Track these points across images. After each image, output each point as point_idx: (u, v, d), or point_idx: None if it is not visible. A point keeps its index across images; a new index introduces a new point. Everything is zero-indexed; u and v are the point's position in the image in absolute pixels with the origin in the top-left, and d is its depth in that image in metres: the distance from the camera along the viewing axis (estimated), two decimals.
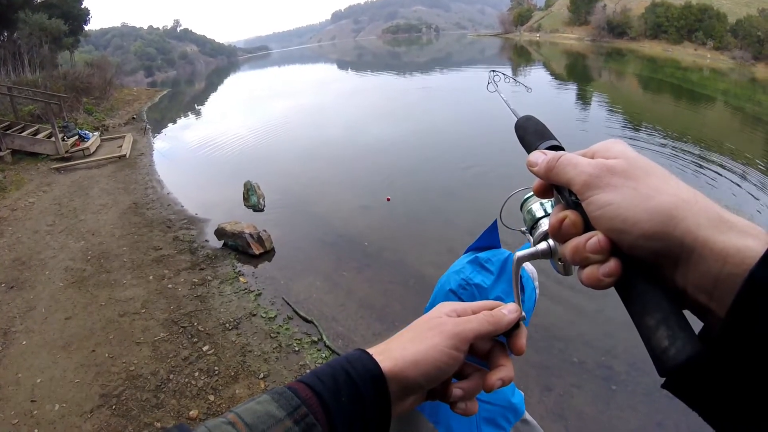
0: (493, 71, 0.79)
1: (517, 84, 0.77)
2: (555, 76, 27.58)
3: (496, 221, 1.07)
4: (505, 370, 0.57)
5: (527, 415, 1.19)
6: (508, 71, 29.97)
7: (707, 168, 9.13)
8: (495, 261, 1.07)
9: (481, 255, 1.09)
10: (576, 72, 30.19)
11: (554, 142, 0.56)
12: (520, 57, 43.43)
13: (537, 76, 28.18)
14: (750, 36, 38.93)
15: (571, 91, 20.98)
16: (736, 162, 9.44)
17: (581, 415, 3.54)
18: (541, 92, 19.48)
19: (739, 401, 0.34)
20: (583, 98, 18.63)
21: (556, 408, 3.60)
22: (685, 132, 12.27)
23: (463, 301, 1.01)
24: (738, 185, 8.28)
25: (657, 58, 40.10)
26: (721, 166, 9.25)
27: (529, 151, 0.56)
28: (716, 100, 19.98)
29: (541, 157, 0.51)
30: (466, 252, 1.16)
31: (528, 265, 1.17)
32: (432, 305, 1.11)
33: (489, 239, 1.13)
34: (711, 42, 43.87)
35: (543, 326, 4.49)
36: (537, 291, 1.16)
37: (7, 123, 12.74)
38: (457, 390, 0.57)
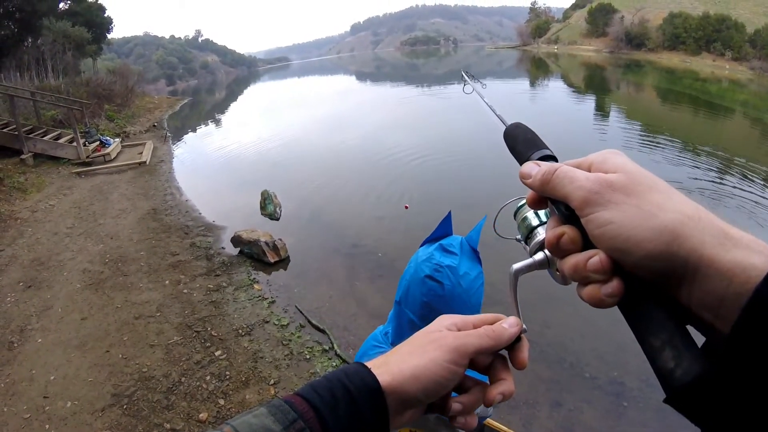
0: (467, 72, 0.79)
1: (477, 81, 0.77)
2: (573, 87, 27.44)
3: (450, 213, 1.32)
4: (505, 384, 0.55)
5: None
6: (526, 83, 29.98)
7: (727, 179, 9.01)
8: (455, 245, 1.25)
9: (443, 242, 1.25)
10: (594, 84, 30.00)
11: (547, 152, 0.54)
12: (538, 69, 43.23)
13: (555, 87, 28.08)
14: None
15: (589, 102, 20.86)
16: (756, 172, 9.30)
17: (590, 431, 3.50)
18: (559, 103, 19.43)
19: (743, 418, 0.33)
20: (601, 109, 18.53)
21: (565, 423, 3.56)
22: (703, 143, 12.13)
23: (441, 282, 1.15)
24: (762, 195, 8.18)
25: (675, 69, 39.67)
26: (742, 176, 9.13)
27: (520, 162, 0.55)
28: (735, 111, 19.74)
29: (534, 168, 0.49)
30: (423, 244, 1.32)
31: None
32: (405, 295, 1.21)
33: (445, 229, 1.31)
34: (729, 52, 43.48)
35: (554, 340, 4.44)
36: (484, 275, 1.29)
37: (29, 127, 12.99)
38: (456, 404, 0.55)
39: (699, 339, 0.39)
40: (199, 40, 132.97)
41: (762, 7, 46.73)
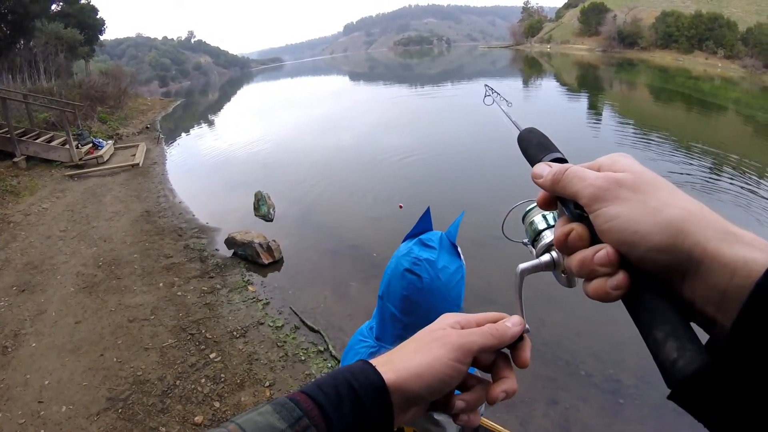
0: (487, 85, 0.80)
1: (502, 99, 0.78)
2: (566, 86, 27.55)
3: (428, 209, 1.37)
4: (508, 382, 0.55)
5: None
6: (520, 82, 30.06)
7: (720, 177, 9.05)
8: (434, 239, 1.28)
9: (423, 237, 1.30)
10: (587, 82, 30.11)
11: (558, 155, 0.56)
12: (531, 68, 43.35)
13: (548, 86, 28.18)
14: (761, 44, 39.00)
15: (582, 101, 20.95)
16: (749, 171, 9.35)
17: (587, 429, 3.50)
18: (553, 103, 19.50)
19: (746, 413, 0.34)
20: (594, 108, 18.61)
21: (561, 421, 3.57)
22: (697, 140, 12.21)
23: (419, 275, 1.18)
24: (753, 193, 8.22)
25: (668, 67, 39.97)
26: (734, 175, 9.17)
27: (532, 164, 0.56)
28: (728, 109, 19.89)
29: (546, 169, 0.51)
30: (404, 240, 1.36)
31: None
32: (387, 289, 1.25)
33: (424, 225, 1.36)
34: (722, 51, 43.80)
35: (550, 338, 4.45)
36: (464, 268, 1.31)
37: (22, 129, 12.95)
38: (459, 402, 0.56)
39: (702, 337, 0.39)
40: (192, 41, 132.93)
41: (754, 6, 47.10)
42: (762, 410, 0.33)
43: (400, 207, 8.06)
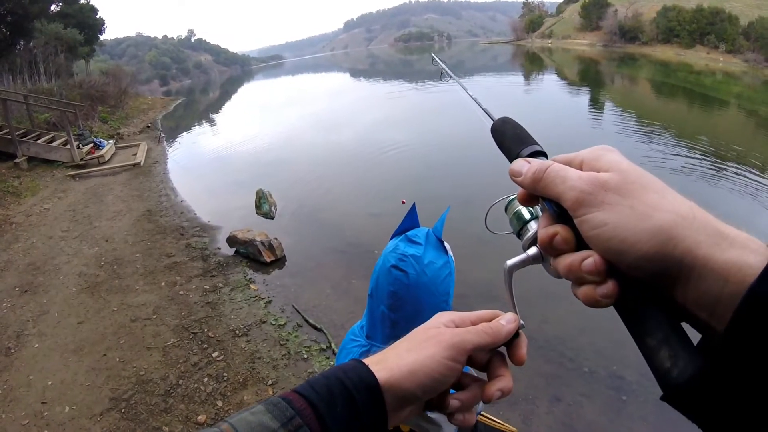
0: (432, 56, 0.76)
1: (442, 74, 0.75)
2: (568, 81, 27.49)
3: (414, 205, 1.37)
4: (504, 380, 0.55)
5: None
6: (521, 77, 29.98)
7: (723, 171, 9.03)
8: (421, 235, 1.29)
9: (409, 233, 1.31)
10: (589, 77, 30.06)
11: (537, 148, 0.53)
12: (533, 64, 43.26)
13: (550, 81, 28.12)
14: (762, 38, 38.88)
15: (583, 95, 20.90)
16: (754, 162, 9.33)
17: (591, 426, 3.49)
18: (555, 97, 19.46)
19: (740, 415, 0.34)
20: (596, 102, 18.59)
21: (565, 418, 3.56)
22: (699, 133, 12.19)
23: (405, 271, 1.19)
24: (756, 188, 8.20)
25: (669, 62, 39.86)
26: (737, 169, 9.15)
27: (510, 158, 0.54)
28: (729, 104, 19.85)
29: (525, 166, 0.49)
30: (392, 237, 1.37)
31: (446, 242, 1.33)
32: (375, 286, 1.26)
33: (411, 221, 1.36)
34: (723, 45, 43.64)
35: (553, 335, 4.44)
36: (453, 263, 1.31)
37: (23, 130, 12.96)
38: (454, 401, 0.55)
39: (695, 336, 0.39)
40: (192, 39, 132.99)
41: (755, 0, 46.89)
42: (753, 415, 0.33)
43: (403, 203, 8.04)
